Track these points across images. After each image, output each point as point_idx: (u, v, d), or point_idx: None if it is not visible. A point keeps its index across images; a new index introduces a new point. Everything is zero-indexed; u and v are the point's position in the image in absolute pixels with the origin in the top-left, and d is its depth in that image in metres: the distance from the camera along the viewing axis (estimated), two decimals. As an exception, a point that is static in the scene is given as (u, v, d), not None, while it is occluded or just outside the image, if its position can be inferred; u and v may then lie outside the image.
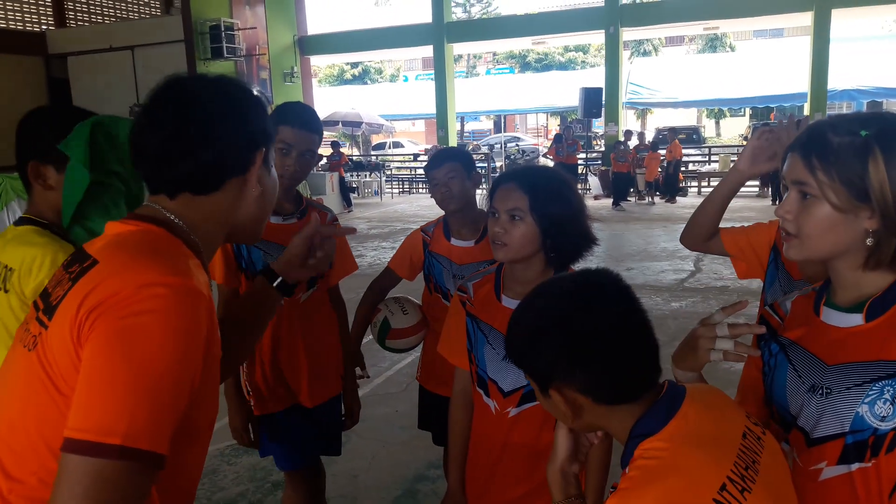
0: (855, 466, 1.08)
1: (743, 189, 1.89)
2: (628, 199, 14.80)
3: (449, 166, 2.41)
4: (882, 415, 1.05)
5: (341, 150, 17.35)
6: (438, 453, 2.91)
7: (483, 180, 2.88)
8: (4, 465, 0.98)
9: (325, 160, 16.26)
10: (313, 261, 1.45)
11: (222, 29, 14.92)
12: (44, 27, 16.32)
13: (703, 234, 1.92)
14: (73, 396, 0.91)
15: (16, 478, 0.97)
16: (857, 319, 1.11)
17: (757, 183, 14.53)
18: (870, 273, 1.09)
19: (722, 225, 1.92)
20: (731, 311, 1.19)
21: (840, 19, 16.58)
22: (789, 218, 1.12)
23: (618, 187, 14.42)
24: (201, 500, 3.28)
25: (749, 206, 12.59)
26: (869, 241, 1.07)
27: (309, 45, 19.07)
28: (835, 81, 16.34)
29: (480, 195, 2.33)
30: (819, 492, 1.11)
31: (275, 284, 1.42)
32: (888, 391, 1.04)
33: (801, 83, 16.98)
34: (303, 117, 2.17)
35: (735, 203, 1.95)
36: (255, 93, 1.16)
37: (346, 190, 15.70)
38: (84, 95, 15.40)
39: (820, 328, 1.15)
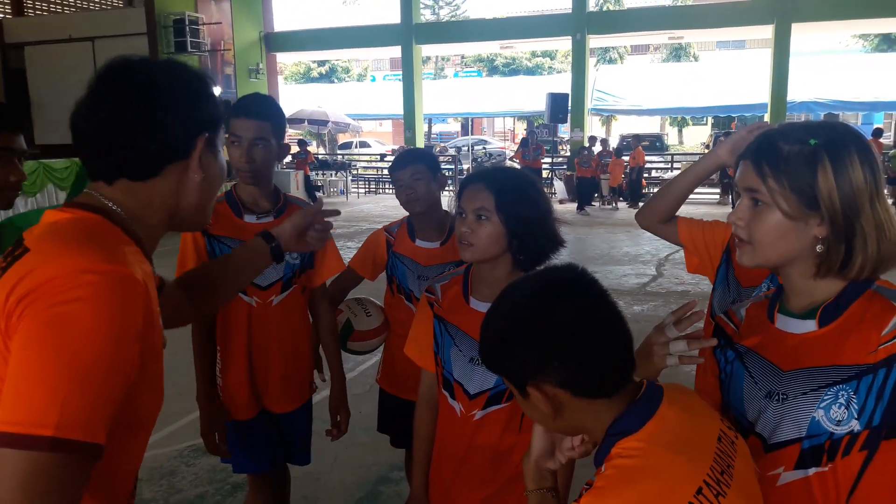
0: (812, 471, 1.10)
1: (703, 196, 1.91)
2: (592, 203, 14.97)
3: (414, 168, 2.39)
4: (837, 419, 1.07)
5: (308, 148, 17.15)
6: (401, 455, 2.91)
7: (450, 182, 2.87)
8: None
9: (289, 157, 16.07)
10: (311, 235, 1.55)
11: (186, 23, 14.69)
12: (1, 15, 15.85)
13: (661, 214, 1.91)
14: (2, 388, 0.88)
15: None
16: (810, 325, 1.12)
17: (718, 191, 14.83)
18: (821, 280, 1.12)
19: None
20: (682, 313, 1.21)
21: (800, 34, 17.05)
22: (741, 224, 1.14)
23: (582, 192, 14.58)
24: (158, 501, 3.21)
25: (710, 214, 12.82)
26: (819, 248, 1.09)
27: (275, 41, 18.88)
28: (794, 93, 16.82)
29: (446, 197, 2.32)
30: (778, 497, 1.12)
31: (271, 246, 1.49)
32: (842, 395, 1.07)
33: (761, 94, 17.41)
34: (248, 106, 2.11)
35: (696, 210, 1.98)
36: (200, 74, 1.12)
37: (311, 188, 15.57)
38: (41, 87, 15.01)
39: (774, 335, 1.17)
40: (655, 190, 16.39)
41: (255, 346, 2.22)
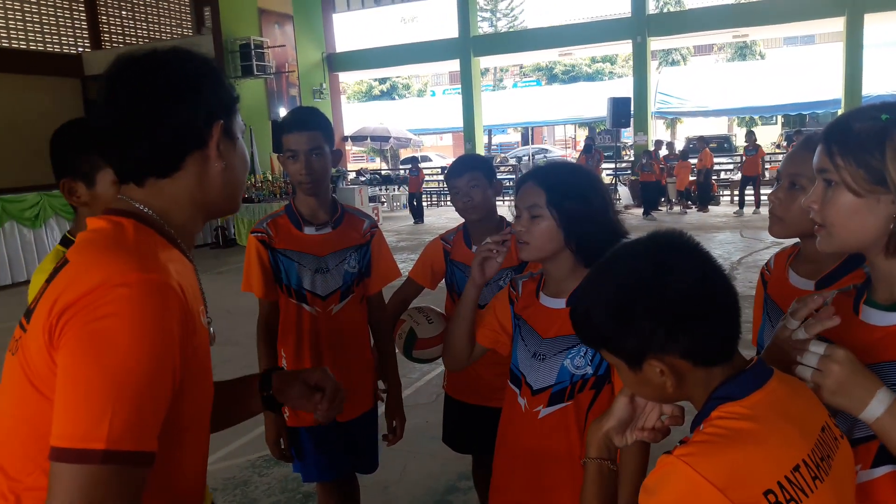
0: (887, 469, 1.07)
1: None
2: (659, 208, 14.64)
3: (471, 175, 2.40)
4: None
5: (419, 165, 16.79)
6: (469, 465, 2.90)
7: (509, 192, 2.87)
8: (4, 467, 1.00)
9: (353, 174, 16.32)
10: (319, 408, 1.36)
11: (252, 47, 15.18)
12: (80, 49, 16.78)
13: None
14: (52, 397, 0.92)
15: (14, 478, 0.99)
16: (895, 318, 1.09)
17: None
18: None
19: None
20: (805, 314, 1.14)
21: (873, 24, 16.28)
22: (815, 208, 1.12)
23: (647, 197, 14.28)
24: (233, 510, 3.30)
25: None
26: (893, 226, 1.05)
27: (337, 61, 19.31)
28: (869, 87, 16.04)
29: (502, 204, 2.31)
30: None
31: (263, 395, 1.35)
32: None
33: (834, 90, 16.71)
34: (298, 119, 2.18)
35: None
36: (209, 61, 1.11)
37: (416, 205, 15.58)
38: (119, 115, 15.72)
39: (859, 327, 1.12)
40: (725, 193, 15.97)
41: (318, 354, 2.26)
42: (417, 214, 15.40)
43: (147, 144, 1.04)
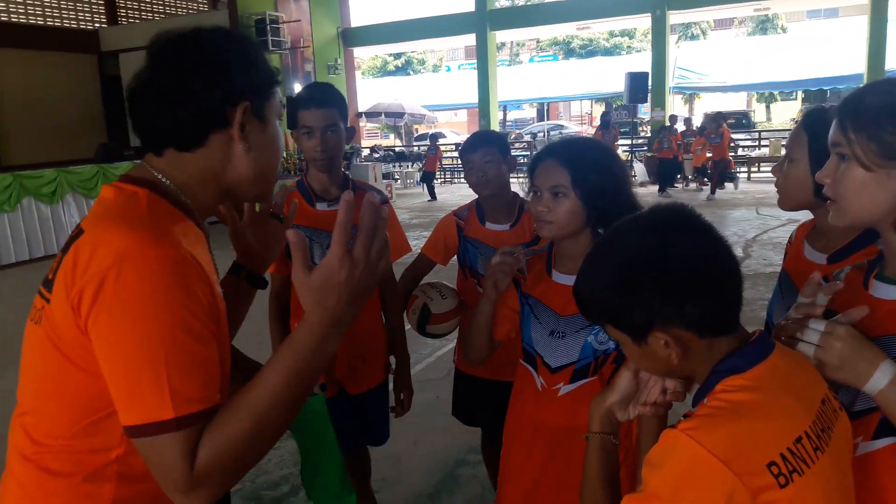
0: (887, 441, 1.09)
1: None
2: (675, 185, 14.50)
3: (485, 150, 2.39)
4: None
5: (437, 143, 16.63)
6: (478, 439, 2.92)
7: (523, 169, 2.86)
8: (30, 433, 1.03)
9: (368, 151, 16.25)
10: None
11: (267, 22, 15.13)
12: (97, 25, 16.79)
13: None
14: (82, 364, 0.96)
15: (41, 443, 1.02)
16: None
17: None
18: None
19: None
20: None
21: (899, -4, 15.89)
22: (828, 182, 1.12)
23: (663, 174, 14.13)
24: (245, 482, 3.35)
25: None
26: None
27: (352, 36, 19.19)
28: (893, 61, 15.70)
29: (516, 181, 2.30)
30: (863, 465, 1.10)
31: (241, 277, 1.40)
32: None
33: (857, 64, 16.36)
34: (314, 95, 2.17)
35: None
36: (247, 42, 1.11)
37: (430, 181, 15.54)
38: (135, 91, 15.76)
39: (867, 300, 1.12)
40: (742, 170, 15.78)
41: None
42: (431, 192, 15.37)
43: (169, 118, 1.05)
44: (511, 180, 2.54)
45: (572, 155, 1.59)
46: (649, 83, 15.98)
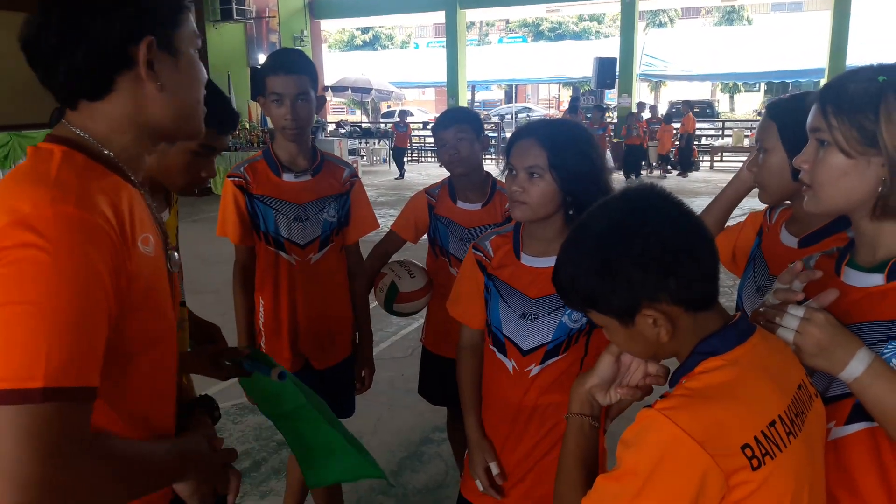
0: (860, 426, 1.10)
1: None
2: (640, 172, 14.67)
3: (458, 127, 2.36)
4: None
5: (407, 120, 16.40)
6: (442, 418, 2.92)
7: (492, 150, 2.83)
8: None
9: (333, 126, 16.01)
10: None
11: (232, -10, 14.73)
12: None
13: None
14: None
15: None
16: (877, 279, 1.10)
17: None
18: (888, 229, 1.08)
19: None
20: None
21: (862, -7, 16.23)
22: (805, 168, 1.12)
23: (630, 160, 14.25)
24: (206, 457, 3.31)
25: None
26: (881, 189, 1.06)
27: (319, 8, 18.82)
28: (854, 58, 16.06)
29: (489, 162, 2.28)
30: (838, 449, 1.12)
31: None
32: None
33: (819, 59, 16.69)
34: (285, 61, 2.09)
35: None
36: None
37: (400, 158, 15.42)
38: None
39: (838, 289, 1.12)
40: (705, 159, 16.03)
41: (297, 302, 2.24)
42: (401, 169, 15.25)
43: (66, 65, 0.95)
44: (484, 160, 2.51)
45: (551, 136, 1.56)
46: (617, 69, 16.06)
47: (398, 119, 16.47)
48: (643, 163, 14.83)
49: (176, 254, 1.13)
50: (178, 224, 1.81)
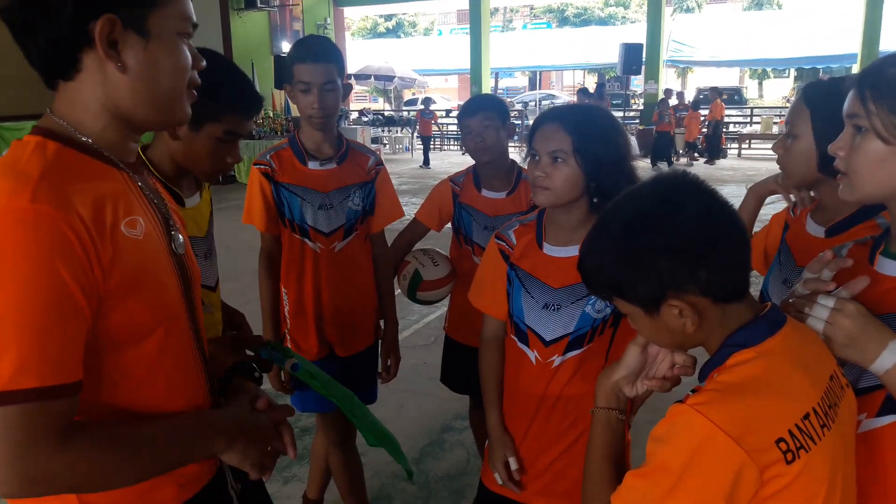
0: (892, 418, 1.08)
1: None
2: (664, 160, 14.50)
3: (484, 115, 2.33)
4: None
5: (431, 107, 16.24)
6: (464, 406, 2.92)
7: (516, 138, 2.80)
8: None
9: (356, 114, 16.00)
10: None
11: (256, -22, 14.75)
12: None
13: None
14: None
15: None
16: None
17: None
18: None
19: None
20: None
21: (897, -25, 15.79)
22: (841, 155, 1.09)
23: (659, 147, 13.99)
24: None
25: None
26: None
27: (343, -5, 18.81)
28: (888, 42, 15.67)
29: (513, 150, 2.26)
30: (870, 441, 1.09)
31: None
32: None
33: (851, 44, 16.32)
34: (314, 50, 2.07)
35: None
36: None
37: (426, 146, 15.32)
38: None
39: (873, 277, 1.10)
40: (733, 146, 15.77)
41: (321, 290, 2.24)
42: (427, 157, 15.22)
43: (31, 40, 0.93)
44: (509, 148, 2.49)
45: (576, 120, 1.54)
46: (643, 55, 15.85)
47: (423, 106, 16.38)
48: (670, 150, 14.65)
49: (181, 236, 1.10)
50: (212, 210, 1.81)
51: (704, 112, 14.88)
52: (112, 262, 0.92)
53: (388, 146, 17.88)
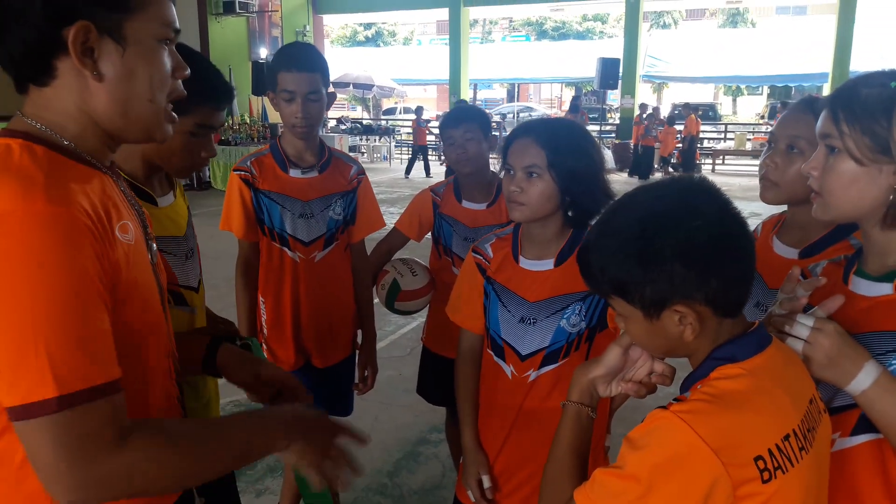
0: (866, 438, 1.07)
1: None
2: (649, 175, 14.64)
3: (466, 126, 2.33)
4: None
5: (422, 118, 15.80)
6: (441, 418, 2.90)
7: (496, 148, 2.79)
8: None
9: (334, 122, 15.95)
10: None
11: (235, -17, 14.67)
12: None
13: None
14: None
15: None
16: (886, 289, 1.08)
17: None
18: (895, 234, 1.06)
19: None
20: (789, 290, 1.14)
21: (867, -3, 16.19)
22: (815, 174, 1.10)
23: (643, 162, 13.99)
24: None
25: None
26: (892, 197, 1.03)
27: (322, 2, 18.78)
28: (858, 62, 16.03)
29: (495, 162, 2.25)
30: (843, 460, 1.09)
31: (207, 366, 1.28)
32: None
33: (823, 63, 16.67)
34: (300, 58, 2.04)
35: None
36: None
37: (424, 159, 15.15)
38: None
39: (847, 296, 1.10)
40: (707, 161, 15.98)
41: (300, 300, 2.22)
42: (425, 169, 14.99)
43: (3, 45, 0.91)
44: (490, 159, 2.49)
45: (550, 135, 1.53)
46: (620, 70, 16.02)
47: (415, 115, 16.18)
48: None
49: (154, 244, 1.08)
50: (188, 205, 1.75)
51: (679, 127, 15.06)
52: (117, 266, 0.91)
53: (366, 155, 17.82)
